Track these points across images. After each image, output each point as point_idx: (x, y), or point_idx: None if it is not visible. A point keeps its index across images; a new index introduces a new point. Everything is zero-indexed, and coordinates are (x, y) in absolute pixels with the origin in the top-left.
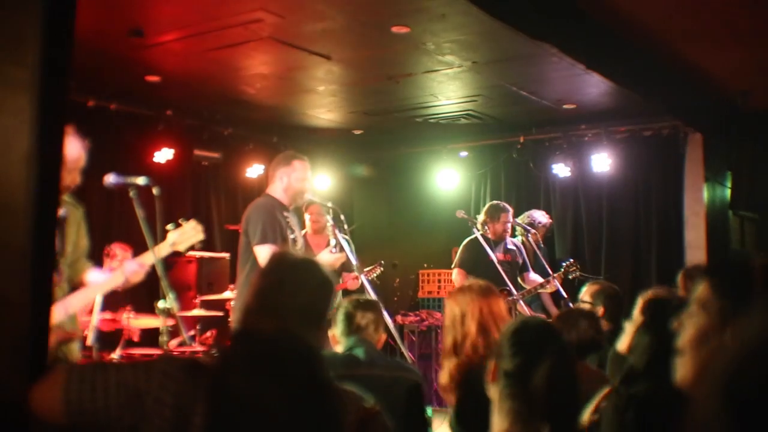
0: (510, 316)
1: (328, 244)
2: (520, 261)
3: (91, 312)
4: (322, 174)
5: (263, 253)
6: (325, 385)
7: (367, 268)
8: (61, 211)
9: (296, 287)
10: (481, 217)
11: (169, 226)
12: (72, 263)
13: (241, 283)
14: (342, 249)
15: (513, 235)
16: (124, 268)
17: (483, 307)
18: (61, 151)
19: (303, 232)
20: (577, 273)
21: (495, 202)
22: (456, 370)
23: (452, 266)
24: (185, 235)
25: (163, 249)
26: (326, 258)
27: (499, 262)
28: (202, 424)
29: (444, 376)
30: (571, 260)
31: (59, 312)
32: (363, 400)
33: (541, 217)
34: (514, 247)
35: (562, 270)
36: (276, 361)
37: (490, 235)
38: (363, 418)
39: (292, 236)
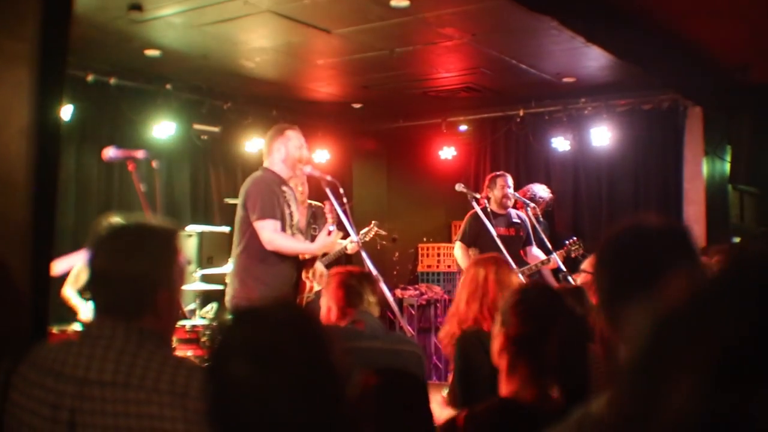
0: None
1: (309, 215)
2: (524, 235)
3: None
4: (322, 147)
5: (265, 228)
6: (331, 369)
7: (363, 231)
8: None
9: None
10: (483, 192)
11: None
12: None
13: (237, 256)
14: (341, 223)
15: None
16: None
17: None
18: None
19: None
20: (580, 251)
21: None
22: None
23: (454, 239)
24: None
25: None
26: (324, 240)
27: (500, 236)
28: None
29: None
30: (574, 238)
31: None
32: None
33: (542, 191)
34: (519, 220)
35: (564, 248)
36: (278, 346)
37: (493, 206)
38: (363, 391)
39: (289, 211)
